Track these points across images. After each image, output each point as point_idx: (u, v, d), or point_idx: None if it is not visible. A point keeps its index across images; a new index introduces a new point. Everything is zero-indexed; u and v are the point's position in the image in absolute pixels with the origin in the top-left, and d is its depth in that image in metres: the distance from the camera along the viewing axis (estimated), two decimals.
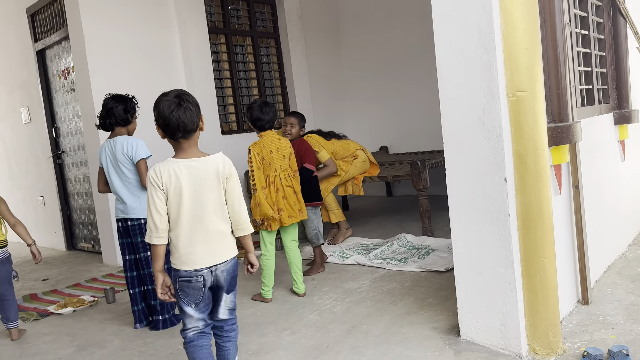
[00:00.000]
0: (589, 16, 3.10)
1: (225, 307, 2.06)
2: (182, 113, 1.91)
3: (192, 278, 1.94)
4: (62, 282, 4.45)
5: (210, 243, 1.96)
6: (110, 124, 3.07)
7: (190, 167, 1.94)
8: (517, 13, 2.15)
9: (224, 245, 2.00)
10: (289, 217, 3.29)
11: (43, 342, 3.05)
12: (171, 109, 1.91)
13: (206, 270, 1.95)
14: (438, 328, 2.62)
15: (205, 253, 1.95)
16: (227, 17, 5.86)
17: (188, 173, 1.93)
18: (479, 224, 2.33)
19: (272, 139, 3.29)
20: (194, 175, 1.94)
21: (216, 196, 1.97)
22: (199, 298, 1.97)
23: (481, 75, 2.22)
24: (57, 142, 5.72)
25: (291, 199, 3.29)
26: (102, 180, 3.16)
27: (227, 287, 2.03)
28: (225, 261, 1.99)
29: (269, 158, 3.24)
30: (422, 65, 6.38)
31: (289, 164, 3.33)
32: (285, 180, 3.28)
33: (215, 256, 1.97)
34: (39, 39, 5.55)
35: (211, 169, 1.96)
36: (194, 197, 1.93)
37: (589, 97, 3.14)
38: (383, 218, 5.61)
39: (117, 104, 3.05)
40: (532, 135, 2.18)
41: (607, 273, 3.14)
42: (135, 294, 3.12)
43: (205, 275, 1.95)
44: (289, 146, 3.36)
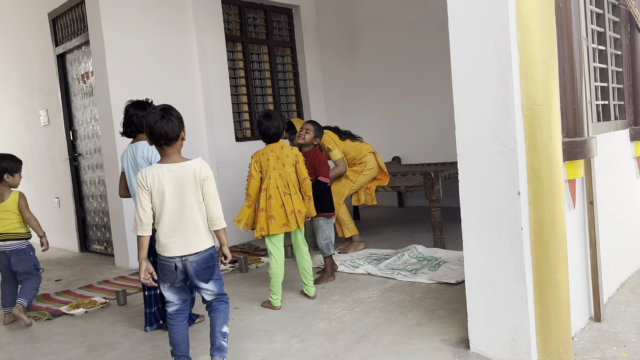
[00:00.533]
0: (606, 32, 3.10)
1: (208, 294, 2.40)
2: (164, 124, 2.26)
3: (167, 263, 2.32)
4: (74, 283, 4.50)
5: (187, 236, 2.30)
6: (132, 131, 3.12)
7: (172, 171, 2.29)
8: (534, 27, 2.16)
9: (198, 238, 2.32)
10: (283, 226, 3.27)
11: (55, 342, 3.09)
12: (156, 119, 2.26)
13: (178, 259, 2.31)
14: (447, 340, 2.61)
15: (181, 244, 2.30)
16: (245, 25, 5.93)
17: (170, 176, 2.29)
18: (491, 237, 2.33)
19: (274, 148, 3.33)
20: (175, 178, 2.29)
21: (194, 195, 2.31)
22: (173, 279, 2.34)
23: (496, 88, 2.23)
24: (74, 145, 5.81)
25: (289, 208, 3.28)
26: (123, 185, 3.18)
27: (202, 277, 2.35)
28: (196, 252, 2.31)
29: (266, 166, 3.29)
30: (437, 77, 6.38)
31: (293, 172, 3.33)
32: (284, 188, 3.28)
33: (189, 247, 2.30)
34: (60, 43, 5.66)
35: (189, 171, 2.31)
36: (175, 197, 2.29)
37: (605, 113, 3.13)
38: (394, 228, 5.61)
39: (137, 111, 3.08)
40: (547, 150, 2.18)
41: (620, 290, 3.11)
42: (150, 296, 3.14)
43: (177, 262, 2.31)
44: (294, 155, 3.35)
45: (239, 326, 3.07)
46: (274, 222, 3.25)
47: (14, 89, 6.66)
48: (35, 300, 3.96)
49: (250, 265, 4.44)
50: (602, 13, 3.06)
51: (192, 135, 5.25)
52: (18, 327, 3.43)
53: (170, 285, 2.35)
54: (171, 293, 2.37)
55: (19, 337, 3.22)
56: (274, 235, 3.30)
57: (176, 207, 2.29)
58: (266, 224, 3.25)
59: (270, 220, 3.24)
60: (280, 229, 3.26)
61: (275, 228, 3.25)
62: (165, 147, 2.30)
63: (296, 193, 3.33)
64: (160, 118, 2.26)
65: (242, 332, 2.98)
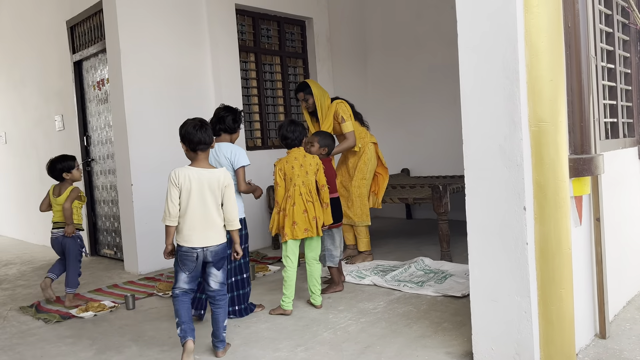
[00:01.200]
0: (615, 50, 3.12)
1: (215, 280, 2.77)
2: (203, 132, 2.70)
3: (189, 253, 2.68)
4: (84, 286, 4.55)
5: (206, 230, 2.69)
6: (220, 129, 3.39)
7: (200, 175, 2.70)
8: (542, 46, 2.20)
9: (216, 234, 2.73)
10: (305, 231, 3.37)
11: (64, 344, 3.14)
12: (196, 128, 2.69)
13: (200, 249, 2.68)
14: (452, 353, 2.63)
15: (201, 237, 2.68)
16: (258, 36, 6.02)
17: (198, 178, 2.69)
18: (496, 251, 2.35)
19: (297, 155, 3.43)
20: (202, 181, 2.69)
21: (215, 198, 2.72)
22: (192, 268, 2.70)
23: (504, 104, 2.26)
24: (87, 150, 5.90)
25: (311, 214, 3.38)
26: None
27: (216, 264, 2.74)
28: (214, 245, 2.71)
29: (290, 174, 3.39)
30: (446, 91, 6.42)
31: (314, 180, 3.44)
32: (307, 196, 3.38)
33: (208, 240, 2.70)
34: (77, 50, 5.78)
35: (214, 178, 2.72)
36: (199, 196, 2.68)
37: (613, 130, 3.14)
38: (402, 240, 5.62)
39: (227, 114, 3.40)
40: (553, 166, 2.21)
41: (626, 308, 3.10)
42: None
43: (199, 253, 2.69)
44: (315, 163, 3.46)
45: (245, 333, 3.11)
46: (297, 227, 3.35)
47: (32, 94, 6.80)
48: (46, 302, 4.02)
49: (257, 273, 4.48)
50: (611, 32, 3.08)
51: None
52: (28, 328, 3.49)
53: (189, 273, 2.70)
54: (186, 281, 2.72)
55: (29, 339, 3.28)
56: (293, 240, 3.40)
57: (199, 205, 2.68)
58: (290, 230, 3.36)
59: (294, 225, 3.35)
60: (303, 234, 3.37)
61: (299, 233, 3.36)
62: (199, 152, 2.73)
63: (316, 200, 3.44)
64: (199, 127, 2.69)
65: (248, 339, 3.01)
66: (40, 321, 3.61)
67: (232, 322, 3.31)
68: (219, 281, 2.77)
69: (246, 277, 3.45)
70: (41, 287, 3.99)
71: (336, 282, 3.82)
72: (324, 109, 4.52)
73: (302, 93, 4.54)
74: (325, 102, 4.53)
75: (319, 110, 4.52)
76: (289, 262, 3.41)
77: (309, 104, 4.53)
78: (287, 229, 3.36)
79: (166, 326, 3.33)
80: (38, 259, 6.07)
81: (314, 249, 3.50)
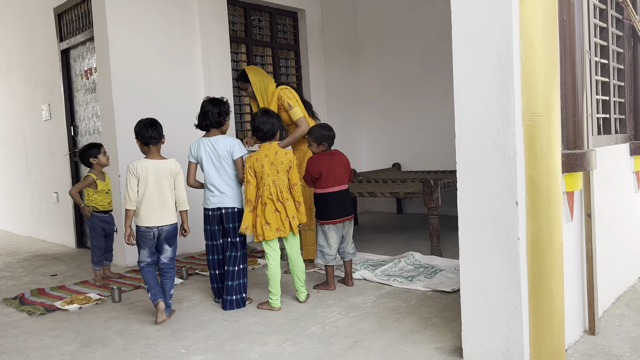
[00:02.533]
0: (609, 45, 3.10)
1: (166, 255, 3.28)
2: (152, 129, 3.21)
3: (147, 232, 3.20)
4: (69, 278, 4.49)
5: (162, 212, 3.21)
6: (206, 125, 3.46)
7: (156, 165, 3.22)
8: (536, 39, 2.17)
9: (170, 215, 3.25)
10: (277, 231, 3.30)
11: (47, 337, 3.08)
12: (146, 126, 3.22)
13: (155, 228, 3.20)
14: (441, 348, 2.61)
15: (158, 217, 3.20)
16: (249, 27, 5.95)
17: (154, 168, 3.20)
18: (487, 246, 2.33)
19: (268, 152, 3.32)
20: (157, 170, 3.21)
21: (169, 184, 3.24)
22: (150, 245, 3.23)
23: (498, 98, 2.23)
24: (74, 140, 5.81)
25: (283, 214, 3.31)
26: (193, 175, 3.52)
27: (168, 240, 3.25)
28: (168, 224, 3.23)
29: (260, 172, 3.29)
30: (439, 85, 6.40)
31: (286, 179, 3.35)
32: (277, 195, 3.29)
33: (164, 220, 3.22)
34: (64, 38, 5.67)
35: (167, 167, 3.24)
36: (156, 183, 3.19)
37: (605, 126, 3.13)
38: (392, 235, 5.60)
39: (213, 108, 3.43)
40: (546, 161, 2.18)
41: (615, 304, 3.10)
42: (215, 274, 3.53)
43: (155, 232, 3.20)
44: (288, 160, 3.35)
45: (232, 327, 3.07)
46: (269, 227, 3.29)
47: (19, 83, 6.67)
48: (30, 294, 3.96)
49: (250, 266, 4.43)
50: (605, 27, 3.07)
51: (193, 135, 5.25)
52: (11, 320, 3.42)
53: (148, 249, 3.23)
54: (147, 255, 3.24)
55: (12, 331, 3.21)
56: (269, 240, 3.34)
57: (156, 191, 3.19)
58: (262, 230, 3.29)
59: (266, 226, 3.28)
60: (275, 234, 3.30)
61: (270, 234, 3.29)
62: (151, 146, 3.23)
63: (288, 199, 3.34)
64: (150, 125, 3.23)
65: (235, 333, 2.97)
66: (24, 313, 3.54)
67: (220, 316, 3.27)
68: (169, 256, 3.28)
69: (244, 268, 3.44)
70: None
71: (328, 281, 3.69)
72: (267, 97, 4.11)
73: (240, 82, 4.20)
74: (269, 88, 4.12)
75: (259, 98, 4.12)
76: (270, 260, 3.36)
77: (248, 92, 4.17)
78: (258, 230, 3.29)
79: (152, 319, 3.28)
80: (23, 250, 5.98)
81: (292, 246, 3.44)
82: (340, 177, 3.64)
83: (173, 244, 3.29)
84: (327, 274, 3.70)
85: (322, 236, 3.65)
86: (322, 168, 3.60)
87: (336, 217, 3.61)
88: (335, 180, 3.62)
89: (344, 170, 3.68)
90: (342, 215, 3.64)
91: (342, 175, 3.66)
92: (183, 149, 5.18)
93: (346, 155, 3.77)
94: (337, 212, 3.62)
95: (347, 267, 3.77)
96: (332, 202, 3.61)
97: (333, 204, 3.61)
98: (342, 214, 3.65)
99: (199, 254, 5.14)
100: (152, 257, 3.26)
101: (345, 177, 3.69)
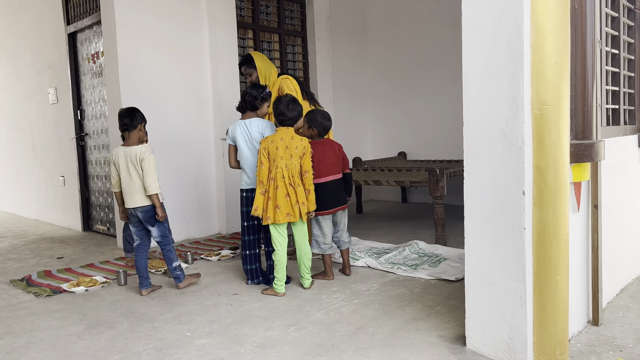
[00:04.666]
0: (620, 36, 3.07)
1: (154, 235, 3.49)
2: (128, 117, 3.44)
3: (129, 211, 3.47)
4: (76, 261, 4.53)
5: (133, 195, 3.41)
6: (243, 107, 3.62)
7: (125, 152, 3.42)
8: (548, 27, 2.14)
9: (138, 197, 3.41)
10: (287, 216, 3.30)
11: (54, 319, 3.11)
12: (123, 114, 3.46)
13: (132, 209, 3.44)
14: (444, 336, 2.62)
15: (129, 199, 3.43)
16: (257, 13, 5.91)
17: (124, 154, 3.42)
18: (493, 235, 2.33)
19: (284, 136, 3.32)
20: (126, 156, 3.41)
21: (135, 169, 3.39)
22: (134, 222, 3.50)
23: (507, 86, 2.22)
24: (81, 124, 5.83)
25: (293, 199, 3.30)
26: (233, 157, 3.64)
27: (149, 223, 3.45)
28: (140, 206, 3.42)
29: (274, 154, 3.29)
30: (446, 74, 6.36)
31: (299, 165, 3.32)
32: (289, 179, 3.28)
33: (135, 202, 3.42)
34: (72, 22, 5.66)
35: (133, 153, 3.39)
36: (126, 169, 3.41)
37: (614, 117, 3.11)
38: (396, 223, 5.61)
39: (251, 91, 3.58)
40: (554, 151, 2.17)
41: (619, 295, 3.10)
42: (250, 255, 3.61)
43: (132, 211, 3.45)
44: (303, 147, 3.34)
45: (237, 312, 3.09)
46: (280, 211, 3.27)
47: (26, 66, 6.68)
48: (37, 276, 3.99)
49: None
50: (617, 16, 3.03)
51: (199, 120, 5.26)
52: (18, 301, 3.46)
53: (133, 224, 3.51)
54: (134, 230, 3.52)
55: (19, 312, 3.25)
56: (277, 225, 3.33)
57: (126, 176, 3.41)
58: (273, 213, 3.28)
59: (277, 209, 3.27)
60: (285, 219, 3.29)
61: (281, 217, 3.28)
62: (127, 133, 3.46)
63: (299, 185, 3.33)
64: (125, 114, 3.45)
65: (240, 317, 3.00)
66: (30, 295, 3.58)
67: (225, 301, 3.30)
68: (157, 235, 3.47)
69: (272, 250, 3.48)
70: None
71: (326, 271, 3.65)
72: (269, 85, 4.06)
73: (245, 67, 4.09)
74: (272, 77, 4.08)
75: (262, 82, 4.04)
76: (278, 246, 3.36)
77: (252, 78, 4.05)
78: (269, 212, 3.29)
79: (157, 302, 3.31)
80: (30, 232, 6.02)
81: (300, 232, 3.44)
82: (331, 167, 3.55)
83: (154, 224, 3.45)
84: (324, 263, 3.66)
85: (316, 226, 3.60)
86: (313, 158, 3.50)
87: (329, 208, 3.55)
88: (326, 170, 3.54)
89: (335, 159, 3.58)
90: (335, 205, 3.58)
91: (334, 165, 3.57)
92: (188, 133, 5.20)
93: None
94: (330, 202, 3.56)
95: (345, 256, 3.76)
96: (324, 193, 3.52)
97: (325, 194, 3.53)
98: (335, 204, 3.59)
99: (203, 239, 5.16)
100: (142, 237, 3.52)
101: (337, 166, 3.60)
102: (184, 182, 5.17)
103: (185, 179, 5.19)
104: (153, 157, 3.42)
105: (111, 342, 2.73)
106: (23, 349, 2.69)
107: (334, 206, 3.59)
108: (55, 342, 2.78)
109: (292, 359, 2.45)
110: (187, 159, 5.19)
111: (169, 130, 5.01)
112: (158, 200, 3.42)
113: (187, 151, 5.18)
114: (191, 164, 5.20)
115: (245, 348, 2.58)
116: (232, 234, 5.34)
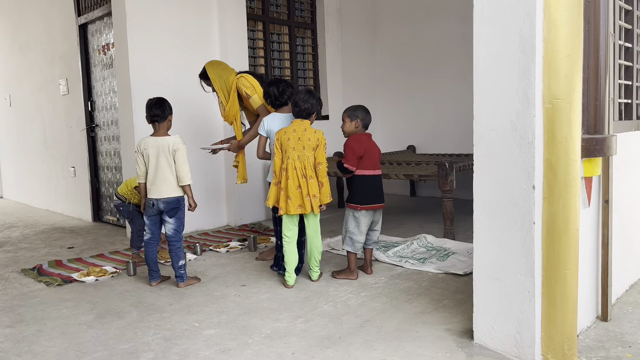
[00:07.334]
0: (634, 29, 3.03)
1: (170, 227, 3.43)
2: (157, 107, 3.39)
3: (149, 202, 3.41)
4: (86, 251, 4.57)
5: (159, 185, 3.37)
6: (280, 103, 3.63)
7: (156, 142, 3.37)
8: (560, 20, 2.12)
9: (166, 188, 3.37)
10: (299, 207, 3.30)
11: (65, 307, 3.15)
12: (152, 104, 3.40)
13: (154, 200, 3.38)
14: (452, 330, 2.62)
15: (155, 190, 3.37)
16: (267, 5, 5.90)
17: (154, 145, 3.37)
18: (502, 230, 2.32)
19: (297, 128, 3.32)
20: (157, 147, 3.36)
21: (167, 160, 3.36)
22: (150, 214, 3.43)
23: (518, 80, 2.20)
24: (91, 116, 5.86)
25: (305, 191, 3.28)
26: (263, 147, 3.69)
27: (169, 214, 3.41)
28: (165, 197, 3.37)
29: (286, 145, 3.29)
30: (456, 67, 6.32)
31: (312, 156, 3.31)
32: (301, 171, 3.28)
33: (162, 193, 3.37)
34: (82, 13, 5.68)
35: (166, 144, 3.37)
36: (156, 159, 3.36)
37: (627, 112, 3.07)
38: (404, 217, 5.60)
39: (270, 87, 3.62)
40: (565, 145, 2.15)
41: (629, 291, 3.08)
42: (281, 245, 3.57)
43: (154, 202, 3.39)
44: (316, 139, 3.32)
45: (245, 303, 3.11)
46: (291, 202, 3.28)
47: (37, 57, 6.72)
48: (48, 266, 4.04)
49: (259, 244, 4.48)
50: (630, 10, 2.99)
51: (207, 113, 5.27)
52: (29, 290, 3.50)
53: (148, 216, 3.44)
54: (147, 223, 3.46)
55: (30, 301, 3.29)
56: (289, 216, 3.34)
57: (154, 166, 3.36)
58: (285, 204, 3.29)
59: (288, 200, 3.28)
60: (296, 210, 3.30)
61: (292, 208, 3.29)
62: (156, 124, 3.41)
63: (312, 177, 3.31)
64: (154, 104, 3.39)
65: (248, 309, 3.01)
66: (41, 284, 3.62)
67: (233, 292, 3.32)
68: (172, 228, 3.42)
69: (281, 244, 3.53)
70: None
71: (351, 268, 3.49)
72: (229, 90, 3.90)
73: (202, 81, 4.02)
74: (229, 81, 3.89)
75: (221, 95, 3.92)
76: (287, 239, 3.38)
77: (212, 89, 3.96)
78: (282, 203, 3.29)
79: (166, 293, 3.33)
80: (41, 222, 6.09)
81: (311, 225, 3.43)
82: (377, 161, 3.48)
83: (173, 216, 3.40)
84: (350, 261, 3.50)
85: (353, 222, 3.45)
86: (366, 148, 3.42)
87: (374, 203, 3.44)
88: (374, 163, 3.46)
89: (378, 155, 3.52)
90: (378, 201, 3.47)
91: (378, 160, 3.51)
92: (198, 125, 5.21)
93: None
94: (376, 197, 3.46)
95: (368, 255, 3.62)
96: (371, 185, 3.44)
97: (372, 187, 3.44)
98: (378, 199, 3.48)
99: (212, 231, 5.19)
100: (154, 232, 3.45)
101: (379, 162, 3.54)
102: (193, 174, 5.10)
103: (195, 170, 5.19)
104: (185, 147, 3.40)
105: (121, 332, 2.76)
106: (34, 337, 2.73)
107: (379, 202, 3.48)
108: (66, 330, 2.81)
109: (300, 350, 2.47)
110: (196, 151, 5.20)
111: (179, 122, 5.01)
112: (190, 191, 3.43)
113: (196, 143, 5.19)
114: (200, 155, 5.22)
115: (253, 339, 2.60)
116: (241, 225, 5.36)
